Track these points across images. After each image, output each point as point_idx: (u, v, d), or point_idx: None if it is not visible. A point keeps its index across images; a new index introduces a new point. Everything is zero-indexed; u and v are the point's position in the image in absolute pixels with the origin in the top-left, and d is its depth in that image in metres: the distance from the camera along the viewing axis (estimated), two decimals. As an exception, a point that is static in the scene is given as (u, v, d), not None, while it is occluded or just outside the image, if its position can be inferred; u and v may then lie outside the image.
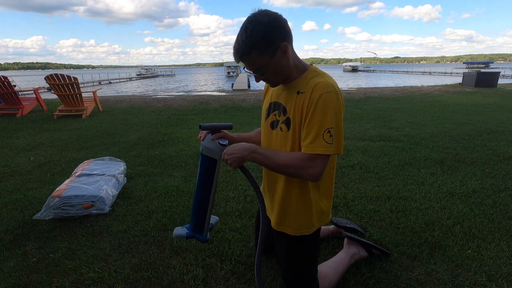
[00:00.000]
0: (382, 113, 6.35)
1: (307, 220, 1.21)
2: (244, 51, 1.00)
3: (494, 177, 2.78)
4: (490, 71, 17.26)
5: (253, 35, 0.97)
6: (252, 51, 0.99)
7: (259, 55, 1.00)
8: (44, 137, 4.58)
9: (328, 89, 1.01)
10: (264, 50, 1.00)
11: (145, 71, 60.74)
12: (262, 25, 0.97)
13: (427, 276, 1.54)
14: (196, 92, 17.37)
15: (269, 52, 1.00)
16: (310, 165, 1.02)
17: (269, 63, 1.03)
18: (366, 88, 15.95)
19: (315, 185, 1.17)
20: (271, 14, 0.99)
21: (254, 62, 1.03)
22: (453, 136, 4.26)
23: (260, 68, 1.04)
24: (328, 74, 1.10)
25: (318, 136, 1.00)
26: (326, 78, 1.06)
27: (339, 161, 3.23)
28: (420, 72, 53.04)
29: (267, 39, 0.98)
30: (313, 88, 1.03)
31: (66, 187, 2.24)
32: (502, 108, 6.77)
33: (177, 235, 1.40)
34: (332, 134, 1.00)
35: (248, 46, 0.99)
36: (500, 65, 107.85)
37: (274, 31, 0.99)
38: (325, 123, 1.00)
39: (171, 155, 3.57)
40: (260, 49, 0.99)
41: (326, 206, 1.25)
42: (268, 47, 1.00)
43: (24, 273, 1.60)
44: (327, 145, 1.00)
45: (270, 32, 0.98)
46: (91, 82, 33.44)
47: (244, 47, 0.99)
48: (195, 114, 6.57)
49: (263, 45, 0.99)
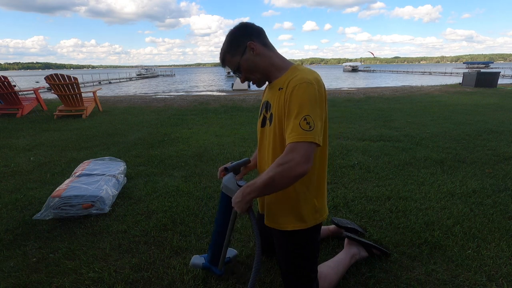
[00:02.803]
0: (382, 113, 6.35)
1: (296, 213, 1.20)
2: (222, 57, 1.23)
3: (494, 177, 2.78)
4: (490, 71, 17.26)
5: (225, 42, 1.20)
6: (226, 55, 1.20)
7: (232, 57, 1.19)
8: (44, 137, 4.58)
9: (302, 81, 1.04)
10: (234, 52, 1.18)
11: (145, 71, 60.70)
12: (230, 33, 1.19)
13: (427, 276, 1.54)
14: (196, 92, 17.38)
15: (238, 52, 1.17)
16: (293, 156, 0.98)
17: (241, 61, 1.17)
18: (366, 88, 15.95)
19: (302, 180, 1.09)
20: (239, 23, 1.19)
21: (230, 63, 1.21)
22: (453, 136, 4.26)
23: (238, 68, 1.20)
24: (310, 70, 1.12)
25: (296, 125, 1.01)
26: (304, 73, 1.08)
27: (339, 161, 3.23)
28: (420, 72, 52.99)
29: (234, 42, 1.17)
30: (289, 82, 1.08)
31: (66, 187, 2.24)
32: (502, 108, 6.77)
33: (194, 263, 1.50)
34: (308, 121, 1.00)
35: (223, 53, 1.21)
36: (500, 65, 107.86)
37: (239, 34, 1.17)
38: (301, 112, 1.01)
39: (171, 155, 3.57)
40: (230, 52, 1.19)
41: (319, 203, 1.23)
42: (236, 48, 1.17)
43: (24, 273, 1.60)
44: (304, 132, 0.99)
45: (235, 36, 1.17)
46: (91, 82, 33.44)
47: (221, 54, 1.22)
48: (195, 114, 6.57)
49: (233, 48, 1.18)
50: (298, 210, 1.20)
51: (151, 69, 65.59)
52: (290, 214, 1.21)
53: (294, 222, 1.21)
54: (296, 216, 1.21)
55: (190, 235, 1.92)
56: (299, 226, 1.21)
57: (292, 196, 1.19)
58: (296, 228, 1.21)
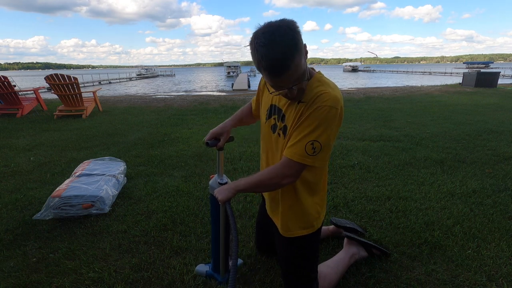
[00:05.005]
0: (382, 113, 6.34)
1: (306, 220, 1.22)
2: (285, 62, 0.89)
3: (494, 177, 2.78)
4: (490, 71, 17.24)
5: (287, 41, 0.88)
6: (295, 57, 0.89)
7: (300, 60, 0.91)
8: (44, 137, 4.58)
9: (327, 103, 0.98)
10: (301, 54, 0.92)
11: (145, 71, 60.70)
12: (289, 27, 0.89)
13: (427, 276, 1.54)
14: (196, 92, 17.37)
15: (303, 56, 0.93)
16: (286, 172, 1.04)
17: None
18: (366, 88, 15.94)
19: (309, 187, 1.19)
20: (286, 20, 0.92)
21: (297, 69, 0.92)
22: (453, 136, 4.26)
23: (303, 74, 0.96)
24: (332, 83, 1.06)
25: (301, 144, 1.01)
26: (330, 89, 1.01)
27: (339, 161, 3.23)
28: (420, 72, 53.00)
29: (300, 40, 0.91)
30: (315, 98, 1.00)
31: (66, 187, 2.24)
32: (502, 108, 6.76)
33: (198, 271, 1.53)
34: (315, 146, 0.99)
35: (290, 54, 0.88)
36: (500, 65, 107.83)
37: (299, 31, 0.92)
38: (312, 134, 0.99)
39: (171, 155, 3.57)
40: (299, 53, 0.91)
41: (321, 207, 1.27)
42: (301, 50, 0.92)
43: (24, 273, 1.60)
44: (306, 155, 1.00)
45: (298, 32, 0.91)
46: (91, 82, 33.43)
47: (285, 57, 0.88)
48: (195, 114, 6.57)
49: (300, 50, 0.91)
50: (307, 218, 1.23)
51: (151, 69, 65.60)
52: (301, 222, 1.23)
53: (303, 229, 1.23)
54: (305, 223, 1.23)
55: (190, 235, 1.92)
56: (306, 231, 1.24)
57: (305, 207, 1.21)
58: (304, 233, 1.24)
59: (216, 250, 1.42)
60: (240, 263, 1.60)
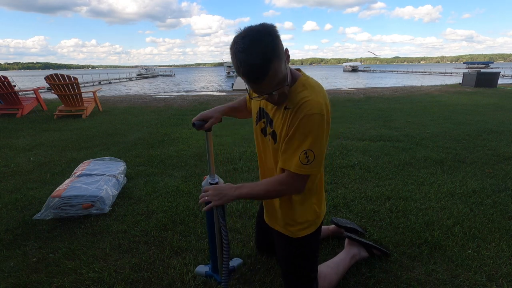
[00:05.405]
0: (382, 113, 6.34)
1: (304, 221, 1.23)
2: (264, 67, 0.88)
3: (494, 177, 2.78)
4: (490, 71, 17.24)
5: (266, 45, 0.87)
6: (273, 62, 0.89)
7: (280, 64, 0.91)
8: (44, 137, 4.58)
9: (312, 111, 0.98)
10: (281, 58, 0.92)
11: (145, 71, 60.71)
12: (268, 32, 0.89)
13: (427, 276, 1.54)
14: (196, 92, 17.37)
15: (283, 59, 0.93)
16: (293, 183, 1.07)
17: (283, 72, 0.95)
18: (366, 88, 15.93)
19: (308, 189, 1.19)
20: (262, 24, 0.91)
21: (276, 74, 0.91)
22: (453, 136, 4.26)
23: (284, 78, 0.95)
24: (317, 85, 1.06)
25: (294, 156, 1.02)
26: (314, 95, 1.00)
27: (339, 161, 3.23)
28: (420, 72, 52.99)
29: (279, 44, 0.91)
30: (299, 106, 1.00)
31: (66, 187, 2.24)
32: (502, 108, 6.76)
33: (198, 272, 1.54)
34: (308, 155, 1.01)
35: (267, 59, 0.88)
36: (500, 65, 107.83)
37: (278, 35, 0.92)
38: (303, 145, 1.00)
39: (171, 155, 3.57)
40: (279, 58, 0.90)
41: (319, 207, 1.28)
42: (280, 54, 0.91)
43: (24, 273, 1.60)
44: (301, 165, 1.02)
45: (277, 36, 0.90)
46: (91, 82, 33.43)
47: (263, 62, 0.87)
48: (196, 114, 6.50)
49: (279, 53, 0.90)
50: (306, 218, 1.23)
51: (151, 69, 65.62)
52: (299, 223, 1.23)
53: (302, 229, 1.24)
54: (304, 224, 1.23)
55: (190, 235, 1.92)
56: (306, 232, 1.24)
57: (304, 207, 1.22)
58: (303, 234, 1.24)
59: (214, 251, 1.43)
60: (240, 263, 1.60)
